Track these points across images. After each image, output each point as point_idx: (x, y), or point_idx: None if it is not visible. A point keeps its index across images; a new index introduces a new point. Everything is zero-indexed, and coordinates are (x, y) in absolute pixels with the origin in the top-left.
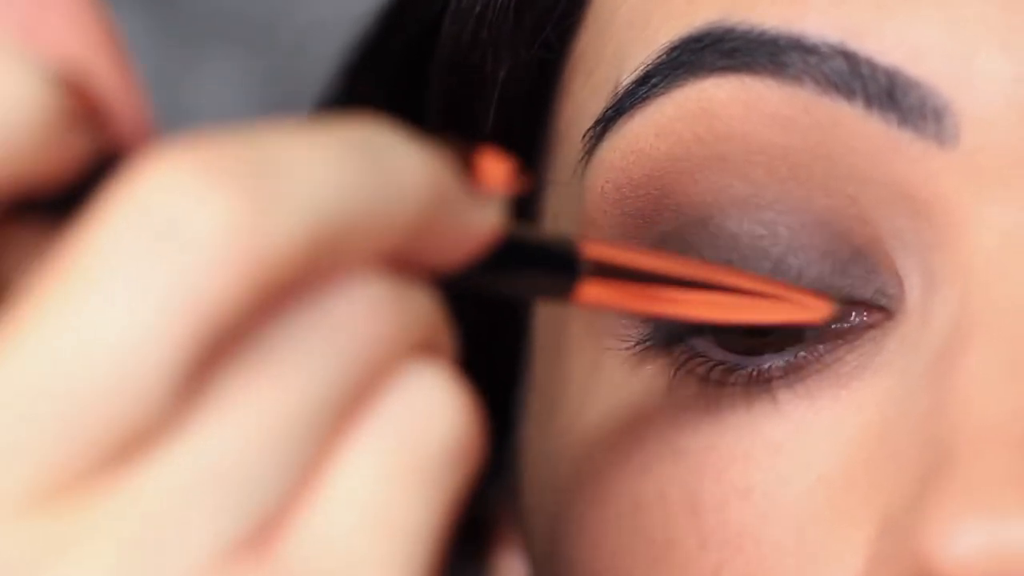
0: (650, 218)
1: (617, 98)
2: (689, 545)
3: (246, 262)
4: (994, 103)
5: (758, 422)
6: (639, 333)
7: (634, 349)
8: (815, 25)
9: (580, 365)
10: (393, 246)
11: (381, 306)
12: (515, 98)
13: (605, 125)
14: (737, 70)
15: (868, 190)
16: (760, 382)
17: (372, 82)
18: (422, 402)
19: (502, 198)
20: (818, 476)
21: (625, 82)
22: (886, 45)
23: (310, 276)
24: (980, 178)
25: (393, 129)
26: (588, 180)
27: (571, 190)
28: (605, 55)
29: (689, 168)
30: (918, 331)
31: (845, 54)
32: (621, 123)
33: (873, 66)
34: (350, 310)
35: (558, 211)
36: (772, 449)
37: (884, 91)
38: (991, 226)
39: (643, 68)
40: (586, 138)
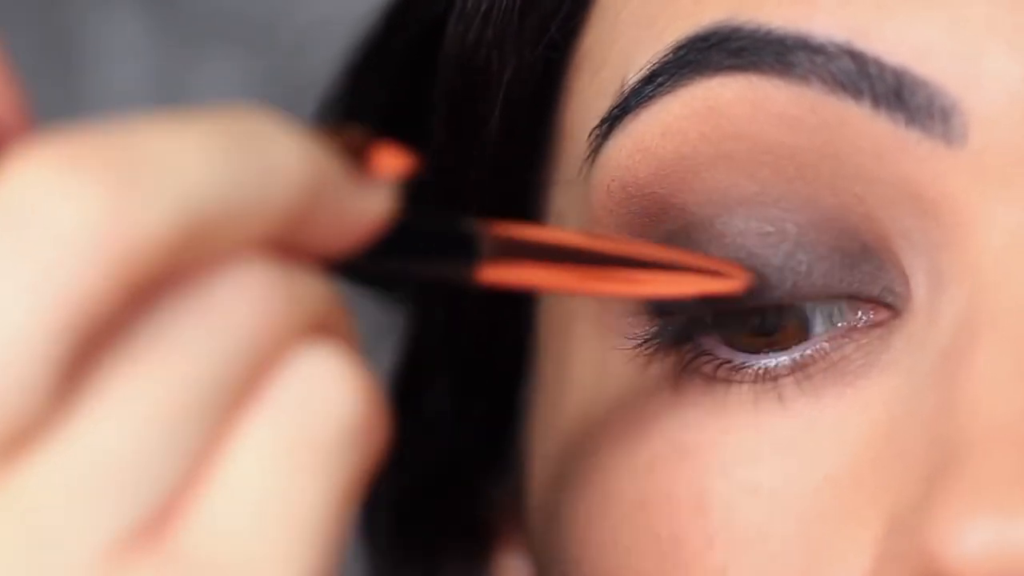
0: (656, 217)
1: (623, 97)
2: (696, 544)
3: (112, 253)
4: (1001, 102)
5: (765, 420)
6: (645, 332)
7: (640, 348)
8: (822, 25)
9: (586, 364)
10: (274, 232)
11: (264, 290)
12: (520, 98)
13: (611, 124)
14: (744, 69)
15: (875, 189)
16: (767, 380)
17: (375, 82)
18: (314, 384)
19: (393, 185)
20: (825, 475)
21: (631, 81)
22: (893, 44)
23: (187, 264)
24: (987, 177)
25: (269, 118)
26: (594, 179)
27: (576, 189)
28: (611, 55)
29: (695, 167)
30: (925, 330)
31: (852, 54)
32: (627, 122)
33: (881, 66)
34: (231, 295)
35: (563, 210)
36: (779, 447)
37: (891, 91)
38: (998, 225)
39: (649, 67)
40: (592, 137)
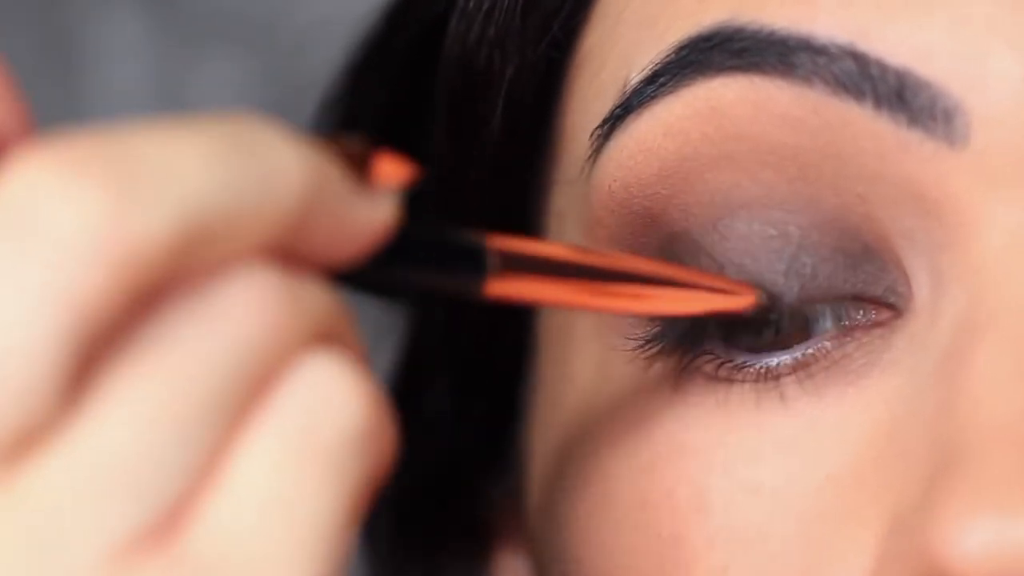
0: (658, 218)
1: (625, 97)
2: (696, 543)
3: (113, 257)
4: (1003, 103)
5: (767, 419)
6: (646, 331)
7: (641, 348)
8: (824, 26)
9: (587, 364)
10: (275, 239)
11: (268, 297)
12: (521, 97)
13: (613, 124)
14: (746, 70)
15: (878, 190)
16: (768, 379)
17: (375, 82)
18: (319, 391)
19: (396, 194)
20: (827, 474)
21: (633, 81)
22: (895, 46)
23: (191, 269)
24: (990, 178)
25: (269, 124)
26: (595, 179)
27: (577, 189)
28: (612, 54)
29: (698, 168)
30: (927, 330)
31: (855, 55)
32: (629, 122)
33: (883, 67)
34: (235, 300)
35: (564, 210)
36: (781, 446)
37: (894, 92)
38: (1000, 226)
39: (652, 67)
40: (593, 137)
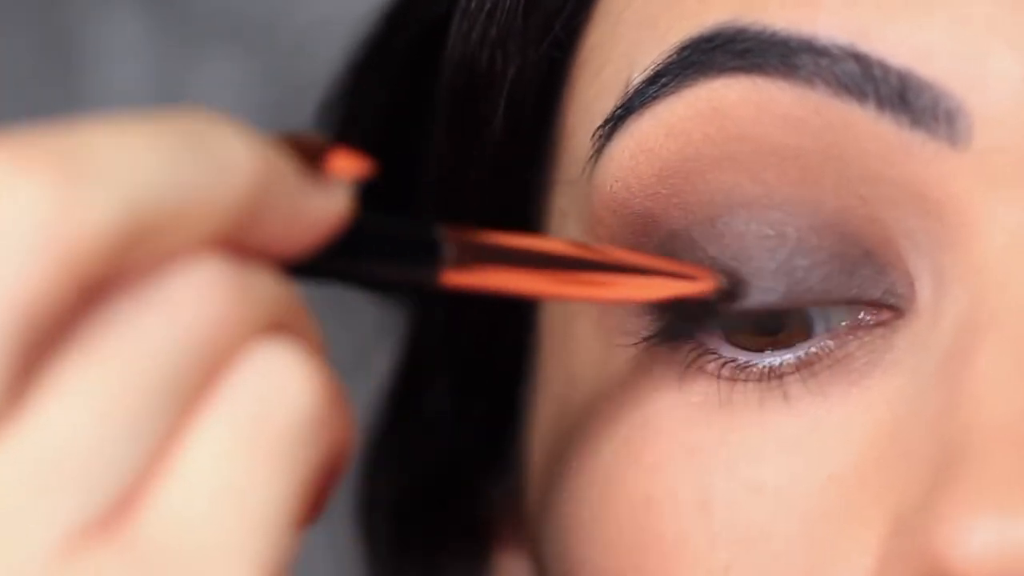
0: (659, 217)
1: (627, 97)
2: (699, 542)
3: (58, 250)
4: (1005, 103)
5: (770, 419)
6: (648, 330)
7: (643, 346)
8: (826, 27)
9: (588, 363)
10: (225, 230)
11: (216, 286)
12: (522, 97)
13: (614, 124)
14: (748, 71)
15: (880, 191)
16: (772, 379)
17: (375, 81)
18: (270, 379)
19: (349, 186)
20: (830, 474)
21: (635, 81)
22: (897, 46)
23: (139, 261)
24: (992, 178)
25: (218, 118)
26: (596, 179)
27: (578, 189)
28: (614, 54)
29: (699, 168)
30: (929, 330)
31: (856, 56)
32: (630, 122)
33: (885, 68)
34: (182, 291)
35: (565, 210)
36: (784, 446)
37: (896, 93)
38: (1003, 226)
39: (653, 67)
40: (595, 137)
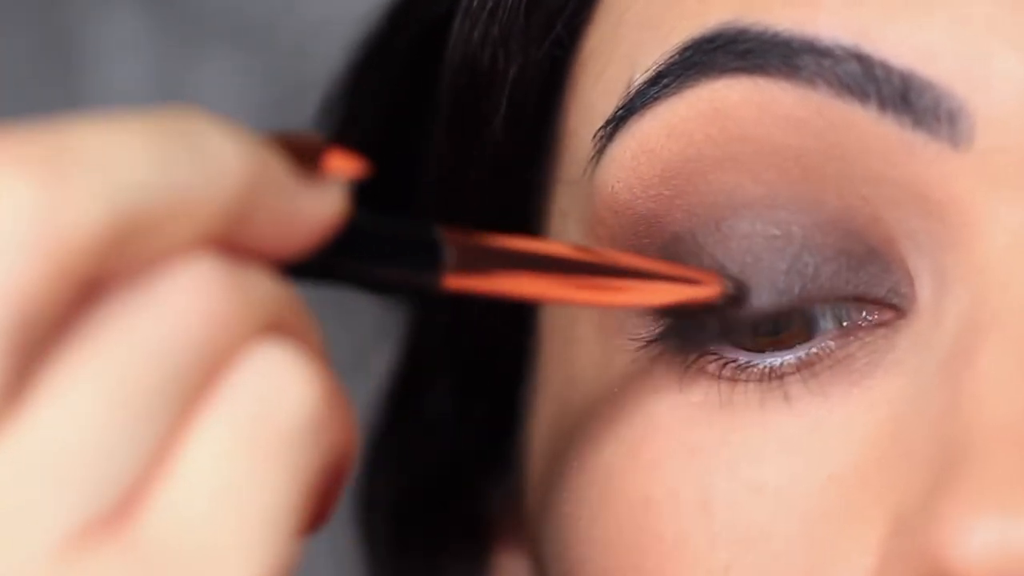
0: (661, 218)
1: (628, 97)
2: (699, 542)
3: (50, 248)
4: (1007, 104)
5: (771, 419)
6: (649, 331)
7: (645, 347)
8: (828, 27)
9: (589, 364)
10: (218, 230)
11: (212, 286)
12: (524, 96)
13: (616, 124)
14: (750, 71)
15: (882, 191)
16: (773, 379)
17: (376, 81)
18: (269, 379)
19: (345, 186)
20: (830, 474)
21: (637, 82)
22: (899, 47)
23: (133, 260)
24: (993, 179)
25: (211, 117)
26: (598, 179)
27: (580, 190)
28: (616, 55)
29: (701, 169)
30: (930, 330)
31: (859, 57)
32: (632, 122)
33: (887, 68)
34: (178, 290)
35: (566, 211)
36: (784, 446)
37: (898, 93)
38: (1004, 226)
39: (655, 68)
40: (596, 137)
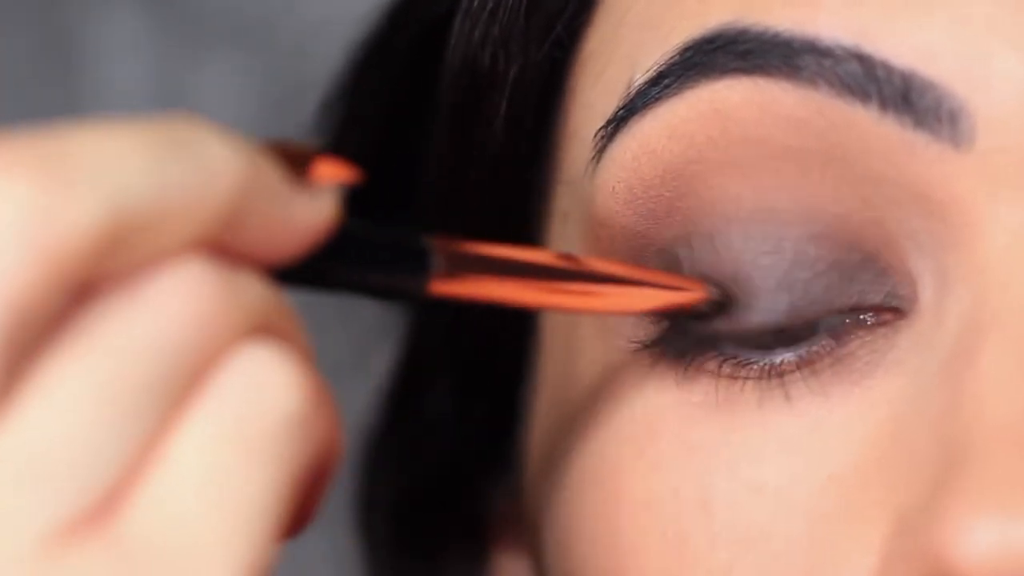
0: (661, 220)
1: (629, 98)
2: (701, 542)
3: (44, 250)
4: (1008, 104)
5: (771, 418)
6: (650, 332)
7: (645, 347)
8: (829, 27)
9: (590, 363)
10: (210, 232)
11: (202, 288)
12: (524, 97)
13: (617, 125)
14: (750, 72)
15: (883, 192)
16: (773, 377)
17: (376, 81)
18: (255, 380)
19: (335, 193)
20: (831, 474)
21: (638, 82)
22: (900, 47)
23: (125, 262)
24: (995, 179)
25: (205, 123)
26: (598, 180)
27: (580, 190)
28: (616, 56)
29: (702, 172)
30: (932, 330)
31: (860, 57)
32: (632, 123)
33: (888, 69)
34: (168, 292)
35: (567, 211)
36: (785, 446)
37: (899, 93)
38: (1005, 226)
39: (656, 68)
40: (597, 137)
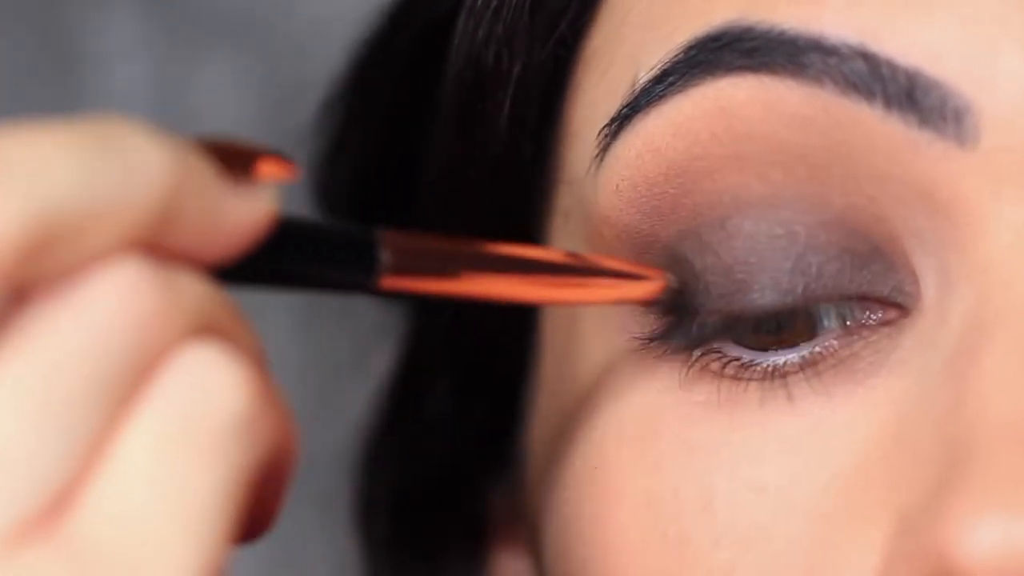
0: (667, 216)
1: (633, 96)
2: (702, 542)
3: None
4: (1013, 102)
5: (772, 418)
6: (652, 330)
7: (648, 346)
8: (834, 25)
9: (591, 362)
10: (144, 233)
11: (140, 288)
12: (528, 95)
13: (621, 123)
14: (755, 70)
15: (887, 189)
16: (775, 378)
17: (378, 80)
18: (199, 379)
19: (273, 189)
20: (833, 473)
21: (642, 80)
22: (905, 45)
23: (57, 264)
24: (999, 178)
25: (134, 123)
26: (602, 178)
27: (583, 189)
28: (620, 54)
29: (707, 168)
30: (935, 329)
31: (865, 55)
32: (637, 121)
33: (893, 67)
34: (105, 292)
35: (569, 210)
36: (786, 446)
37: (904, 92)
38: (1009, 224)
39: (660, 66)
40: (601, 135)
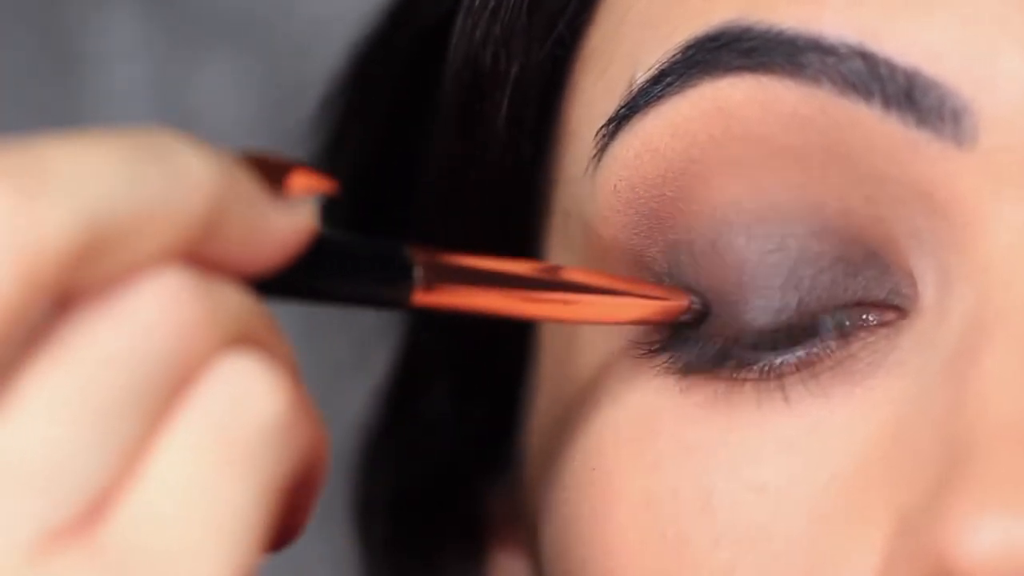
0: (664, 221)
1: (631, 96)
2: (702, 542)
3: (20, 262)
4: (1012, 103)
5: (770, 419)
6: (651, 332)
7: (647, 347)
8: (833, 25)
9: (590, 363)
10: (188, 243)
11: (181, 298)
12: (526, 96)
13: (619, 123)
14: (754, 70)
15: (885, 190)
16: (772, 378)
17: (377, 80)
18: (236, 388)
19: (312, 203)
20: (832, 474)
21: (640, 80)
22: (904, 45)
23: (102, 272)
24: (998, 178)
25: (177, 134)
26: (600, 178)
27: (581, 189)
28: (618, 54)
29: (704, 171)
30: (934, 329)
31: (864, 55)
32: (635, 121)
33: (892, 67)
34: (147, 301)
35: (568, 210)
36: (785, 446)
37: (903, 92)
38: (1008, 224)
39: (658, 66)
40: (599, 135)
